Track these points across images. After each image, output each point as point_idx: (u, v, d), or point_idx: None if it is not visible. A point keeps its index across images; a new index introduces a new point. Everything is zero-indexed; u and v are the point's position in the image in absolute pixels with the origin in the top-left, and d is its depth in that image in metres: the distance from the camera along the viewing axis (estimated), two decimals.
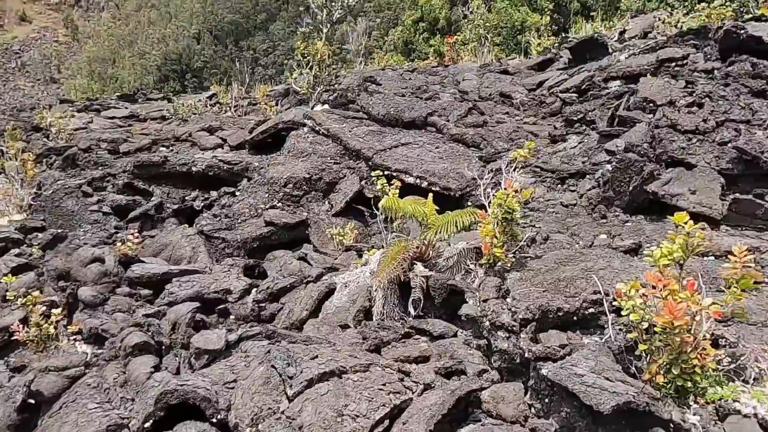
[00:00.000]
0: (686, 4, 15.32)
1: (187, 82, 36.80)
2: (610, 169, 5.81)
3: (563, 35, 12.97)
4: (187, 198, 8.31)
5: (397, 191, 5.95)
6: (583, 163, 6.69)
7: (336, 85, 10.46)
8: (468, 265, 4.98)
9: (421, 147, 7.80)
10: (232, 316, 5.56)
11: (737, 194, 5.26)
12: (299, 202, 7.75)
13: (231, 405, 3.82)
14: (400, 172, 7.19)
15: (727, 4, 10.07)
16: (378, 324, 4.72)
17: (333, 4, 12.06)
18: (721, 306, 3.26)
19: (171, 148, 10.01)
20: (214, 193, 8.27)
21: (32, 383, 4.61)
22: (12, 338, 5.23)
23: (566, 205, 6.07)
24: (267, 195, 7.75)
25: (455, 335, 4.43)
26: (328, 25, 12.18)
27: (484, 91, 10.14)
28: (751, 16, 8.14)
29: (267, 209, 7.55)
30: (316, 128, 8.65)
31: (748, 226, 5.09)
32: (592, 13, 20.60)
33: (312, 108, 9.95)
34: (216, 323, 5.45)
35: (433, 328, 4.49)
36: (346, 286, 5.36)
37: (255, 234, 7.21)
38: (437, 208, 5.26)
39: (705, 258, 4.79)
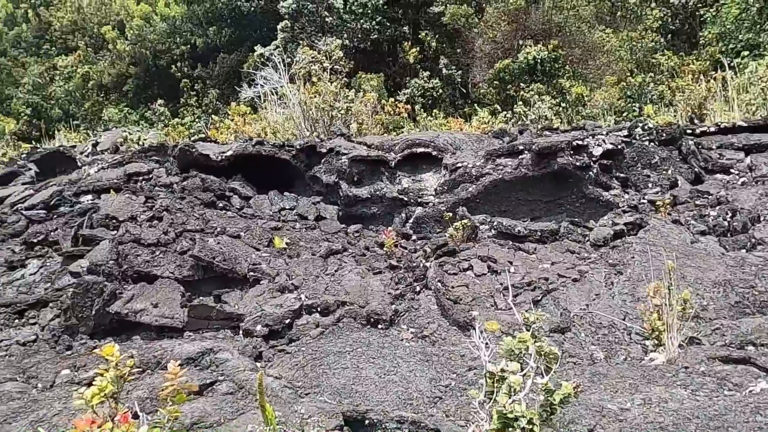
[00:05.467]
0: (165, 118, 16.71)
1: None
2: (70, 294, 5.41)
3: (35, 145, 12.02)
4: None
5: None
6: (46, 290, 6.06)
7: None
8: None
9: None
10: None
11: (194, 301, 5.69)
12: None
13: None
14: None
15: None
16: None
17: None
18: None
19: None
20: None
21: None
22: None
23: (24, 344, 5.30)
24: None
25: None
26: None
27: None
28: (200, 137, 9.36)
29: None
30: None
31: (207, 329, 5.52)
32: (75, 122, 20.11)
33: None
34: None
35: None
36: None
37: None
38: None
39: None
